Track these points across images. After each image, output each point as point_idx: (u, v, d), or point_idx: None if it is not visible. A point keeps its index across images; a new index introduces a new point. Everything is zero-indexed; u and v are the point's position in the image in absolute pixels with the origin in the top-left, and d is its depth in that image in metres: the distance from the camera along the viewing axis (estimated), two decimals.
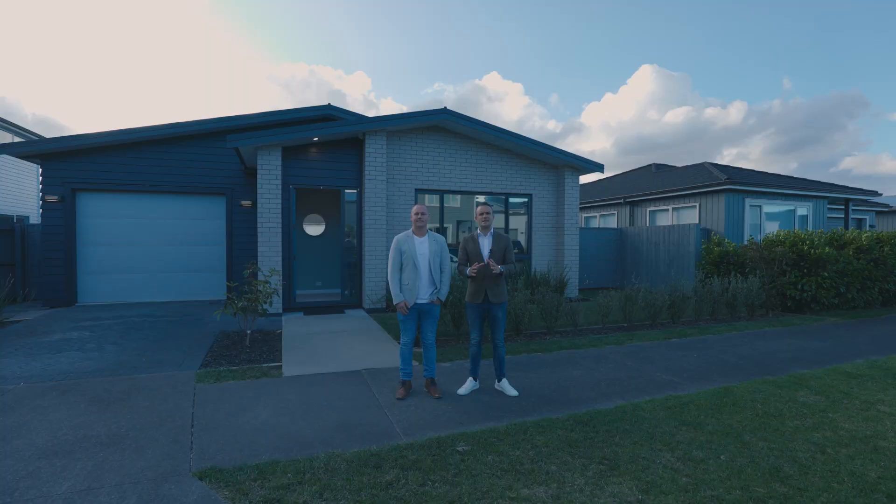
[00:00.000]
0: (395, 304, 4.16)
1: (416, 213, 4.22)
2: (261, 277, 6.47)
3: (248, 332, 6.02)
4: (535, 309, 6.77)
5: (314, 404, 3.97)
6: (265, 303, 5.96)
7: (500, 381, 4.35)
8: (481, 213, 4.29)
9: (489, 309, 4.26)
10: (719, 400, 4.13)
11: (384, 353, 5.65)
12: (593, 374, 4.90)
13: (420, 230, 4.24)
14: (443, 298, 4.29)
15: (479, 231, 4.37)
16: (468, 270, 4.21)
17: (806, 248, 8.79)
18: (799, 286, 8.72)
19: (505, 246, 4.31)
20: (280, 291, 7.88)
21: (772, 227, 12.27)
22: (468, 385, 4.33)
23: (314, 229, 10.83)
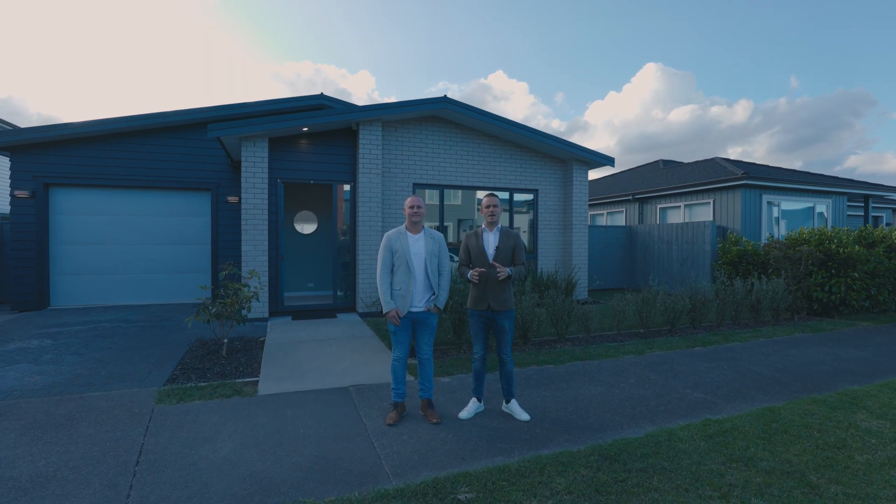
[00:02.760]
0: (384, 312, 3.53)
1: (411, 206, 3.59)
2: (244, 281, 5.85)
3: (226, 340, 5.40)
4: (544, 314, 6.14)
5: (289, 432, 3.36)
6: (244, 308, 5.34)
7: (508, 402, 3.72)
8: (487, 206, 3.66)
9: (493, 318, 3.63)
10: (767, 426, 3.51)
11: (376, 364, 5.03)
12: (614, 392, 4.28)
13: (415, 226, 3.61)
14: (441, 306, 3.65)
15: (483, 227, 3.74)
16: (469, 274, 3.59)
17: (834, 246, 8.16)
18: (827, 288, 8.08)
19: (514, 245, 3.68)
20: (261, 295, 7.28)
21: (789, 225, 11.63)
22: (471, 407, 3.71)
23: (306, 227, 10.20)
